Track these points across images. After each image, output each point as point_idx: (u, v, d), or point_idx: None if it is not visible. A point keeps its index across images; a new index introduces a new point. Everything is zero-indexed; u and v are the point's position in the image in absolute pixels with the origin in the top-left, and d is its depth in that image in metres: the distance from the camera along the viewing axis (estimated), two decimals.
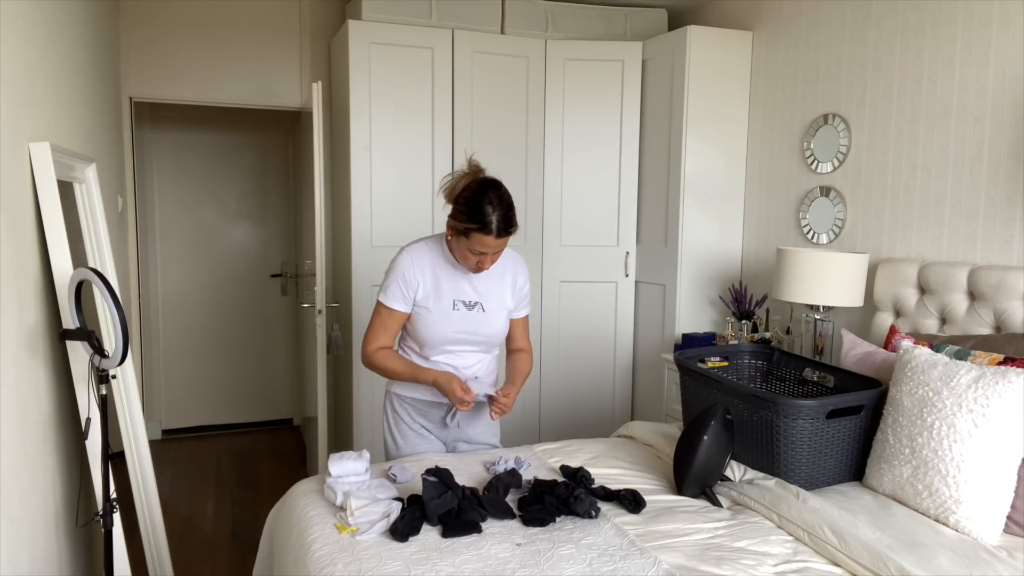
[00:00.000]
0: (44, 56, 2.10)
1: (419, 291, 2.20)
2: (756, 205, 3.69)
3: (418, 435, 2.36)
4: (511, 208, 2.08)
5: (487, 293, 2.25)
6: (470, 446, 2.43)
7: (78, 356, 2.07)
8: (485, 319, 2.24)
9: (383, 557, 1.69)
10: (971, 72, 2.62)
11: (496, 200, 2.05)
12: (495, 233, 2.04)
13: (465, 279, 2.23)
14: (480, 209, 2.03)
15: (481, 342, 2.28)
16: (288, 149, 5.22)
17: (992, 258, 2.56)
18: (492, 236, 2.04)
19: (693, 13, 4.13)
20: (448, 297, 2.21)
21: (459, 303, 2.22)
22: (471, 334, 2.24)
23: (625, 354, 4.04)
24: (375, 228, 3.66)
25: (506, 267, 2.29)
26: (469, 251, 2.09)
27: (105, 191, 3.03)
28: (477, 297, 2.24)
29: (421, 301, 2.21)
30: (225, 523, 3.56)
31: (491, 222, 2.03)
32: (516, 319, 2.36)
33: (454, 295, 2.22)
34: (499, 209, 2.04)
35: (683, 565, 1.70)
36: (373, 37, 3.56)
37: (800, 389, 2.56)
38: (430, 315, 2.21)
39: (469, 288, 2.23)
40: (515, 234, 2.11)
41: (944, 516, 1.93)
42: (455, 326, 2.22)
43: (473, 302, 2.23)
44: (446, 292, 2.21)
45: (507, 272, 2.29)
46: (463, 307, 2.22)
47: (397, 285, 2.20)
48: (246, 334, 5.20)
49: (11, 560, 1.65)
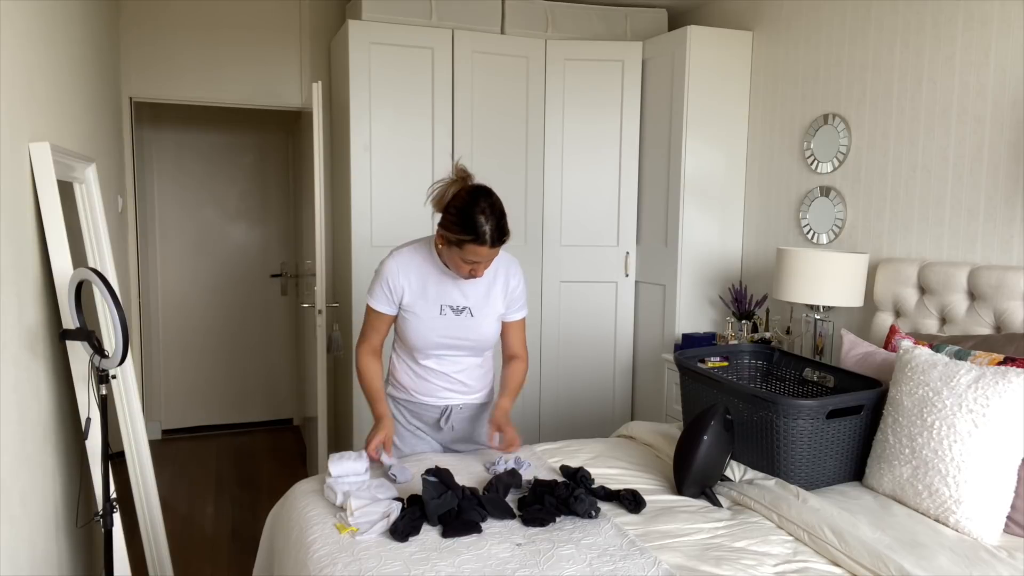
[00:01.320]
0: (44, 56, 2.10)
1: (405, 296, 2.19)
2: (756, 205, 3.69)
3: (415, 436, 2.37)
4: (503, 216, 2.04)
5: (476, 298, 2.21)
6: (469, 447, 2.42)
7: (78, 356, 2.07)
8: (474, 324, 2.21)
9: (383, 557, 1.69)
10: (971, 72, 2.62)
11: (488, 209, 2.00)
12: (489, 243, 2.01)
13: (454, 284, 2.20)
14: (472, 219, 1.99)
15: (469, 347, 2.25)
16: (288, 149, 5.22)
17: (992, 258, 2.56)
18: (486, 247, 2.01)
19: (693, 13, 4.13)
20: (436, 302, 2.18)
21: (447, 308, 2.19)
22: (459, 339, 2.22)
23: (625, 354, 4.04)
24: (375, 228, 3.66)
25: (497, 271, 2.24)
26: (462, 260, 2.06)
27: (105, 191, 3.03)
28: (465, 302, 2.20)
29: (407, 306, 2.19)
30: (225, 523, 3.56)
31: (484, 232, 1.99)
32: (510, 322, 2.30)
33: (442, 300, 2.19)
34: (492, 219, 2.00)
35: (683, 565, 1.70)
36: (373, 37, 3.56)
37: (800, 389, 2.56)
38: (417, 320, 2.19)
39: (458, 293, 2.20)
40: (508, 240, 2.08)
41: (944, 516, 1.93)
42: (442, 331, 2.20)
43: (461, 307, 2.20)
44: (433, 297, 2.18)
45: (498, 276, 2.24)
46: (451, 312, 2.19)
47: (382, 290, 2.19)
48: (246, 334, 5.20)
49: (11, 560, 1.65)
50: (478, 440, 2.43)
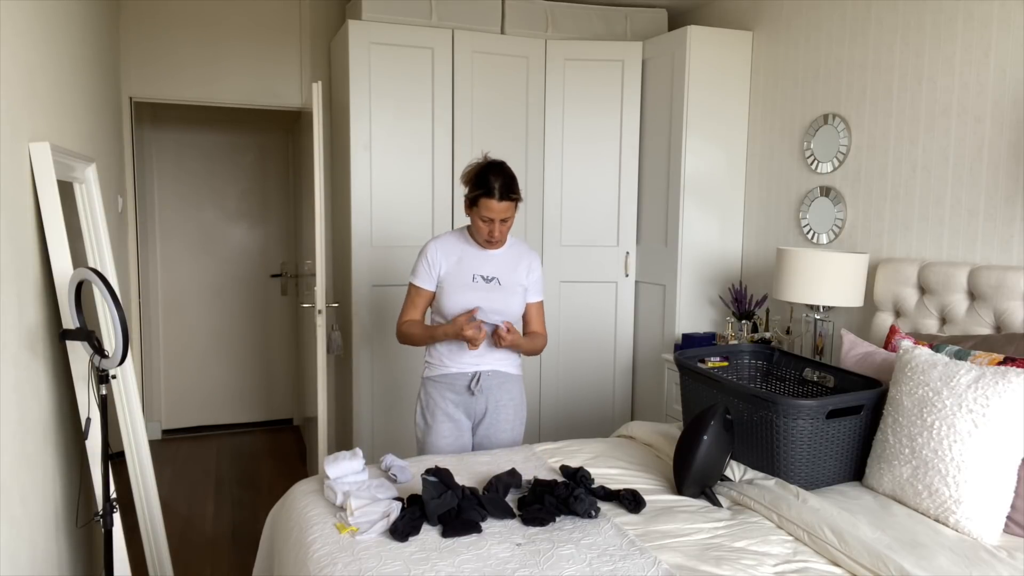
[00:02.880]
0: (44, 56, 2.10)
1: (442, 268, 2.49)
2: (756, 205, 3.69)
3: (447, 417, 2.52)
4: (513, 179, 2.38)
5: (504, 270, 2.51)
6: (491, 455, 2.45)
7: (78, 356, 2.07)
8: (502, 293, 2.48)
9: (383, 557, 1.69)
10: (971, 72, 2.62)
11: (497, 170, 2.38)
12: (497, 196, 2.34)
13: (485, 258, 2.50)
14: (484, 177, 2.37)
15: (497, 313, 2.46)
16: (288, 149, 5.22)
17: (992, 258, 2.56)
18: (495, 199, 2.34)
19: (693, 13, 4.13)
20: (468, 272, 2.48)
21: (478, 277, 2.48)
22: (489, 306, 2.45)
23: (625, 354, 4.04)
24: (375, 228, 3.66)
25: (521, 254, 2.57)
26: (480, 220, 2.39)
27: (105, 191, 3.03)
28: (495, 273, 2.50)
29: (444, 276, 2.49)
30: (225, 523, 3.56)
31: (493, 187, 2.34)
32: (530, 303, 2.59)
33: (474, 270, 2.48)
34: (500, 178, 2.35)
35: (683, 565, 1.70)
36: (373, 37, 3.56)
37: (800, 389, 2.56)
38: (452, 287, 2.47)
39: (489, 266, 2.50)
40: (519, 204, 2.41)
41: (944, 516, 1.93)
42: (473, 296, 2.45)
43: (491, 277, 2.49)
44: (467, 268, 2.49)
45: (522, 258, 2.57)
46: (482, 280, 2.48)
47: (422, 265, 2.51)
48: (246, 334, 5.20)
49: (11, 560, 1.65)
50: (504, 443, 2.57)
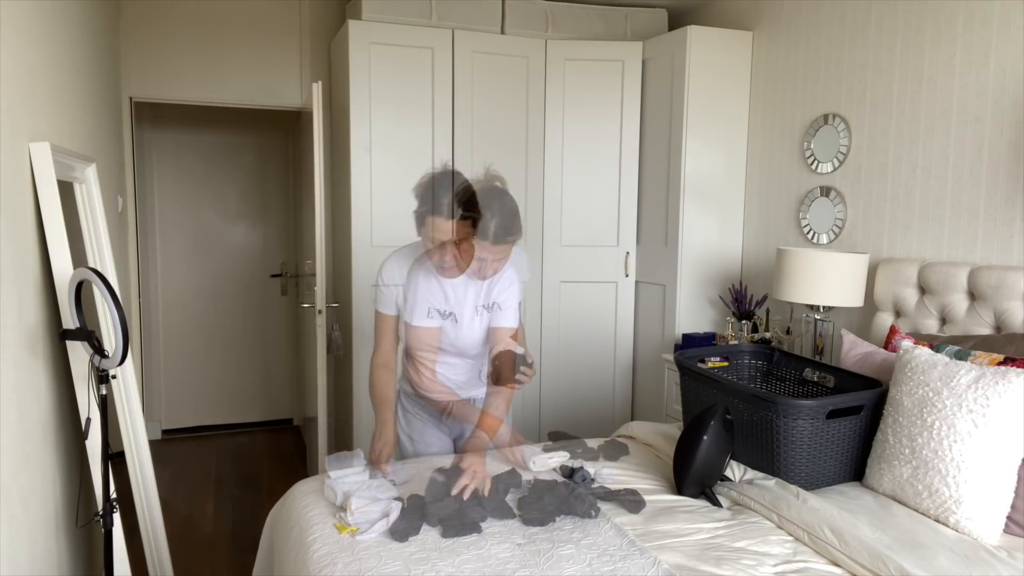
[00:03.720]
0: (44, 56, 2.10)
1: (398, 295, 2.23)
2: (756, 205, 3.69)
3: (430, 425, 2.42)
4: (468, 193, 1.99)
5: (465, 302, 2.19)
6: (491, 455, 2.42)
7: (78, 356, 2.07)
8: (461, 331, 2.21)
9: (383, 557, 1.69)
10: (971, 72, 2.62)
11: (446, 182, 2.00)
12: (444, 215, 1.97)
13: (443, 288, 2.18)
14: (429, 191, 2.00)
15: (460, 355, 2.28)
16: (288, 149, 5.22)
17: (992, 258, 2.56)
18: (442, 217, 1.97)
19: (693, 13, 4.13)
20: (424, 304, 2.19)
21: (434, 312, 2.20)
22: (448, 343, 2.25)
23: (625, 354, 4.04)
24: (375, 228, 3.66)
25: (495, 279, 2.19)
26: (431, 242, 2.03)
27: (105, 191, 3.03)
28: (453, 307, 2.19)
29: (400, 305, 2.24)
30: (225, 523, 3.56)
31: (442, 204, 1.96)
32: (498, 328, 2.16)
33: (430, 303, 2.19)
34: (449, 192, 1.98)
35: (683, 565, 1.70)
36: (373, 37, 3.56)
37: (800, 389, 2.56)
38: (409, 319, 2.22)
39: (448, 296, 2.19)
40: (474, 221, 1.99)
41: (944, 516, 1.93)
42: (427, 336, 2.23)
43: (448, 312, 2.20)
44: (422, 299, 2.18)
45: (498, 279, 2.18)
46: (438, 316, 2.20)
47: (381, 291, 2.26)
48: (246, 334, 5.20)
49: (11, 560, 1.65)
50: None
